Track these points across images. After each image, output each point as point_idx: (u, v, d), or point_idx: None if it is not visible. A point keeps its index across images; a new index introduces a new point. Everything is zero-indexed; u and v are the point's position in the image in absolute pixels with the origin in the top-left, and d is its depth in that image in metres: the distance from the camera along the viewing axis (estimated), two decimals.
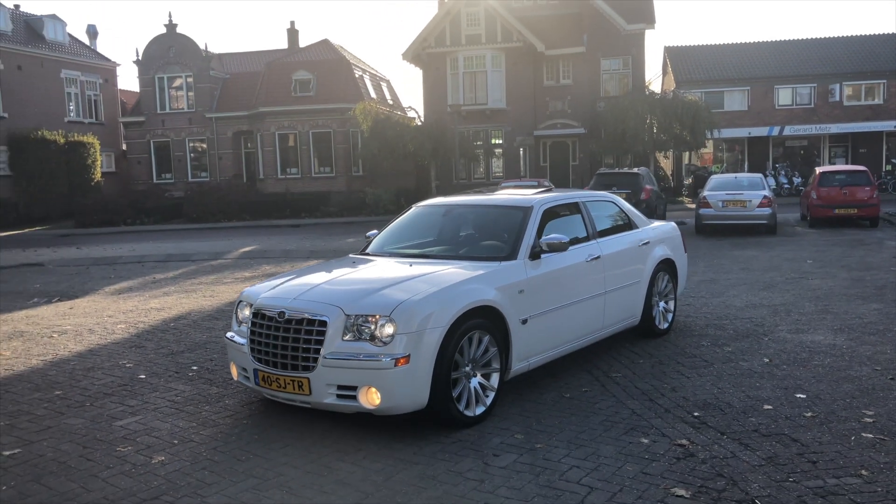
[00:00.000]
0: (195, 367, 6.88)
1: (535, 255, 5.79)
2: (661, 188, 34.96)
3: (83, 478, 4.39)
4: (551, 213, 6.33)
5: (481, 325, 5.14)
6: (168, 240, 23.64)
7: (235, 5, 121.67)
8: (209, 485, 4.25)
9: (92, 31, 41.37)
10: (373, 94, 37.34)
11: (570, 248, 6.16)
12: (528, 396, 5.73)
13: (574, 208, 6.66)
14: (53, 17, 37.91)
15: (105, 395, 6.10)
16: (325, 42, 38.56)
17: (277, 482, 4.27)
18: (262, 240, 22.16)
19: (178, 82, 37.67)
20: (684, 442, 4.70)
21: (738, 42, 40.10)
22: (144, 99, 37.91)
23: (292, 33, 41.04)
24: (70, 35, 39.38)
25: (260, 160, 36.49)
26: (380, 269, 5.73)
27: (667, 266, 7.64)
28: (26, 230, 31.01)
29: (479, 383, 5.21)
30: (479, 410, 5.14)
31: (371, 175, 34.60)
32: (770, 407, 5.31)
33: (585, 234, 6.55)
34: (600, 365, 6.56)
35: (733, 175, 20.99)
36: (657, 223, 8.08)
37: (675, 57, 39.47)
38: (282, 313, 5.01)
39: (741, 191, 18.28)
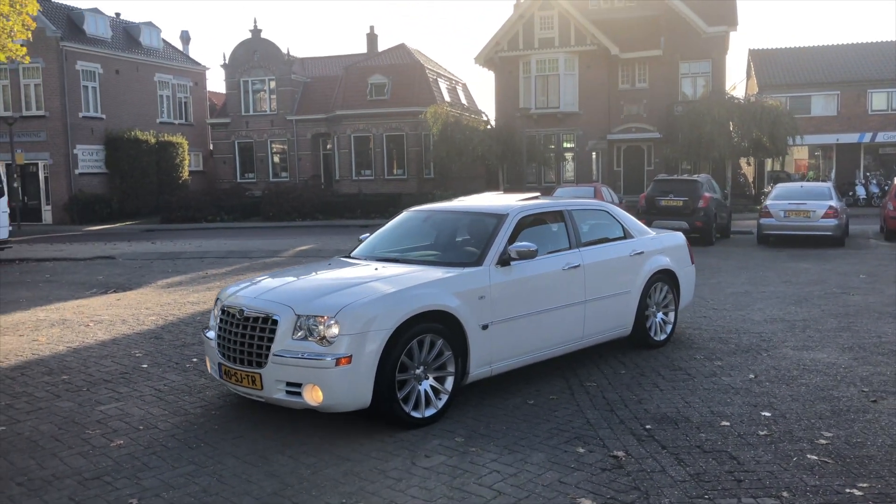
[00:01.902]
0: (195, 360, 7.28)
1: (503, 262, 5.86)
2: (741, 195, 33.96)
3: (44, 456, 4.78)
4: (530, 221, 6.39)
5: (434, 328, 5.26)
6: (238, 237, 24.65)
7: (319, 10, 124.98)
8: (150, 468, 4.56)
9: (185, 37, 43.50)
10: (447, 98, 37.74)
11: (548, 256, 6.24)
12: (491, 401, 5.80)
13: (557, 217, 6.68)
14: (150, 24, 40.08)
15: (104, 381, 6.55)
16: (402, 46, 39.25)
17: (213, 469, 4.53)
18: (325, 239, 22.80)
19: (261, 86, 39.16)
20: (620, 454, 4.69)
21: (828, 44, 38.32)
22: (230, 101, 39.60)
23: (371, 38, 41.97)
24: (164, 41, 41.56)
25: (336, 161, 37.53)
26: (347, 272, 5.95)
27: (666, 276, 7.52)
28: (117, 224, 32.97)
29: (432, 386, 5.33)
30: (429, 412, 5.27)
31: (441, 177, 34.96)
32: (727, 424, 5.21)
33: (567, 243, 6.56)
34: (580, 373, 6.56)
35: (799, 184, 20.14)
36: (662, 233, 7.97)
37: (760, 60, 38.12)
38: (241, 311, 5.29)
39: (805, 200, 17.49)
